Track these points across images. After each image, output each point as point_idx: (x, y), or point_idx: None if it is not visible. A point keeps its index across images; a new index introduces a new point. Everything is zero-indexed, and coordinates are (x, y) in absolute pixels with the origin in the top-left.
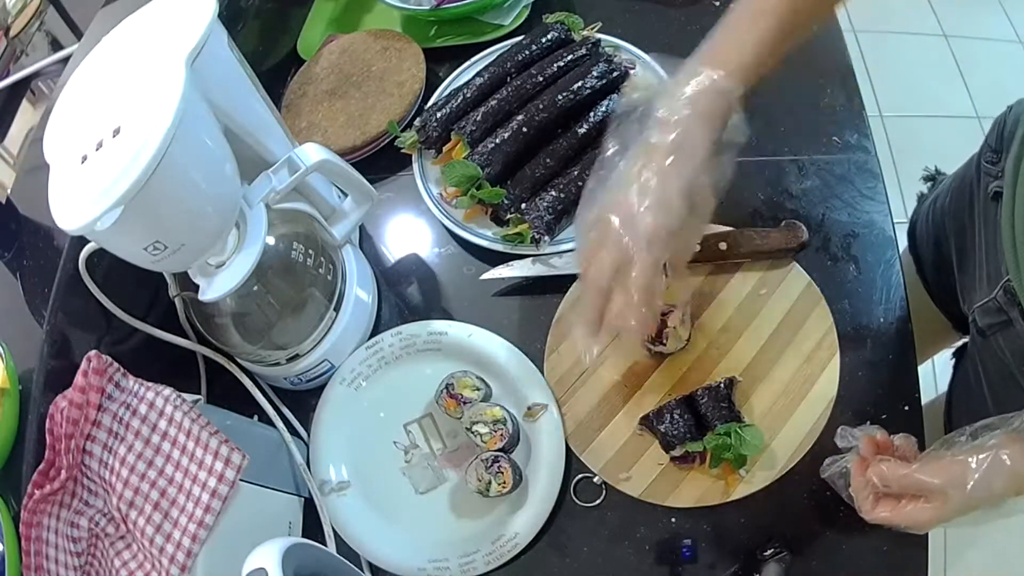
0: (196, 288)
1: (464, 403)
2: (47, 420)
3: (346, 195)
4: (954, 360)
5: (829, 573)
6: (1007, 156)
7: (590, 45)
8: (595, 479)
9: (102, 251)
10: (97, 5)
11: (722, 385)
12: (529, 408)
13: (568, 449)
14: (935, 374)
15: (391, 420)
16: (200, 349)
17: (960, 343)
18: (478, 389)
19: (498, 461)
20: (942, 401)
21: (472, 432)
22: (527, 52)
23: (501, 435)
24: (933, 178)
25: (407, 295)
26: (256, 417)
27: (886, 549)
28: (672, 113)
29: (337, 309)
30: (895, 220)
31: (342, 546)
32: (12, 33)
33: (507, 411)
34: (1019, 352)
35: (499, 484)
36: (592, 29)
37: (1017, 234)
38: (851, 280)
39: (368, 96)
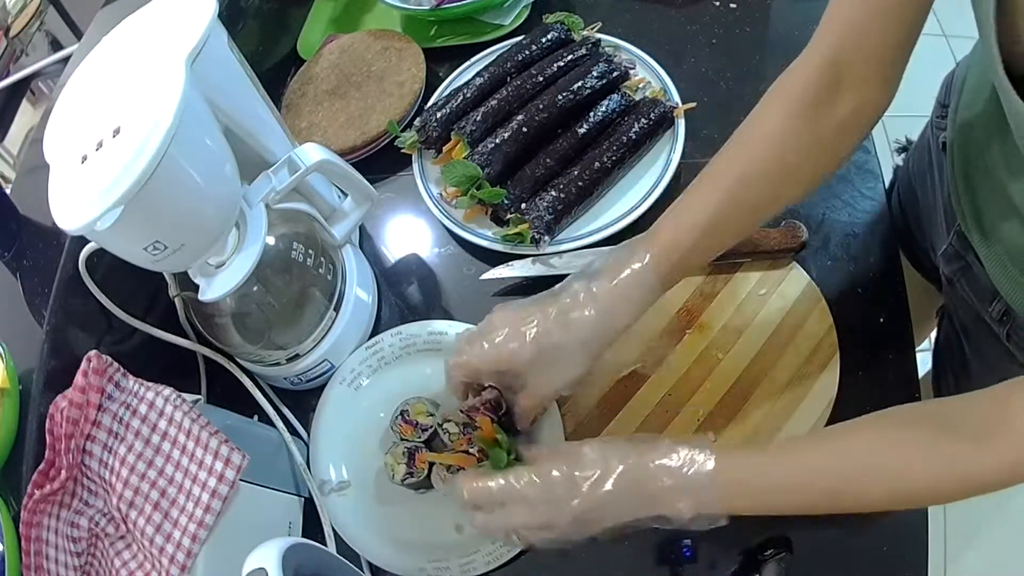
0: (196, 288)
1: (419, 428)
2: (47, 420)
3: (346, 195)
4: (937, 319)
5: (829, 573)
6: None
7: (590, 45)
8: None
9: (102, 251)
10: (97, 5)
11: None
12: None
13: None
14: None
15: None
16: (200, 349)
17: (940, 304)
18: (431, 415)
19: (417, 452)
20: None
21: (442, 428)
22: (527, 52)
23: (468, 439)
24: (905, 148)
25: (407, 295)
26: (256, 417)
27: (886, 549)
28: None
29: (337, 309)
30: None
31: (342, 546)
32: (12, 33)
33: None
34: (981, 292)
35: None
36: (592, 29)
37: (958, 179)
38: (851, 280)
39: (368, 96)
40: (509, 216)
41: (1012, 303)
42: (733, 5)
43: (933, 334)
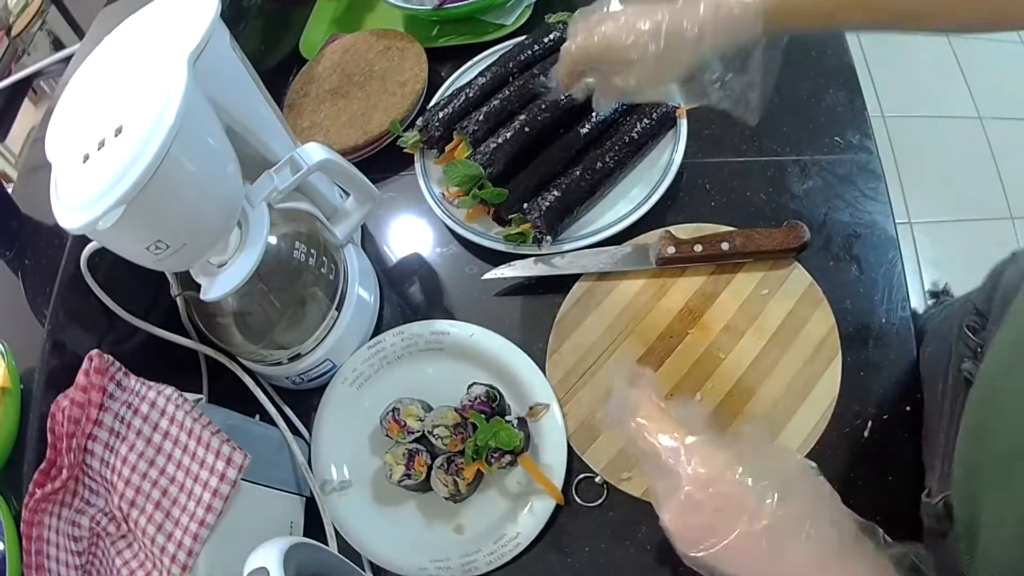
0: (198, 287)
1: (406, 430)
2: (48, 419)
3: (348, 195)
4: None
5: None
6: (991, 331)
7: None
8: (597, 479)
9: (104, 250)
10: (99, 4)
11: None
12: (531, 408)
13: (570, 449)
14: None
15: None
16: (202, 348)
17: None
18: (420, 419)
19: (417, 455)
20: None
21: (433, 435)
22: (529, 52)
23: (462, 438)
24: (938, 296)
25: (409, 295)
26: (258, 416)
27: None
28: None
29: (339, 309)
30: (897, 220)
31: (343, 545)
32: (14, 32)
33: (514, 416)
34: (944, 569)
35: (464, 483)
36: None
37: (969, 460)
38: (853, 280)
39: (370, 96)
40: (511, 216)
41: None
42: None
43: None
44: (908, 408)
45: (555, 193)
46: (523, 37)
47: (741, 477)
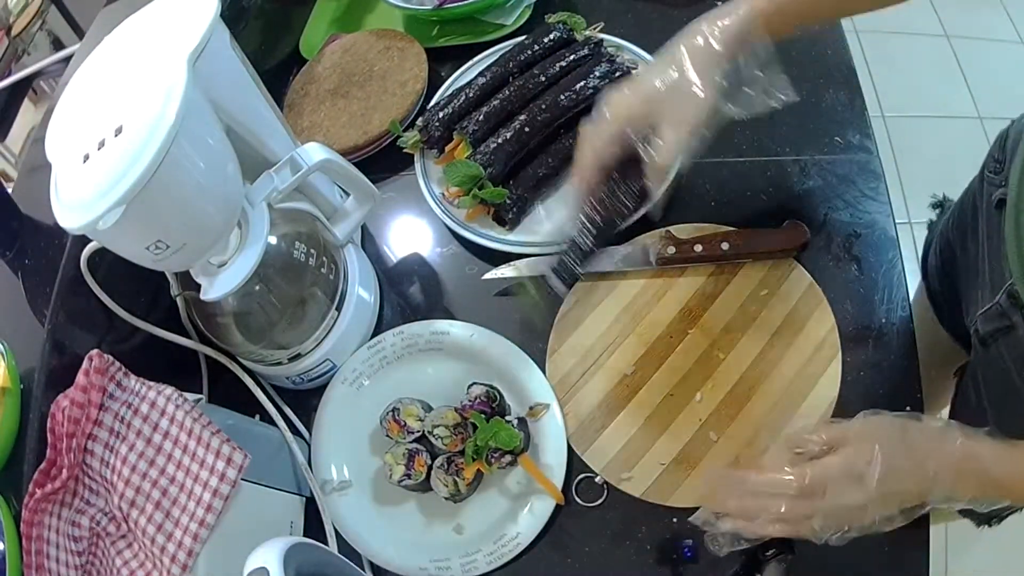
0: (198, 287)
1: (406, 430)
2: (48, 419)
3: (348, 195)
4: (956, 379)
5: (830, 573)
6: (1010, 165)
7: (592, 45)
8: (597, 479)
9: (104, 250)
10: (99, 5)
11: None
12: (531, 408)
13: (570, 449)
14: None
15: None
16: (202, 348)
17: (962, 363)
18: (420, 419)
19: (417, 455)
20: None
21: (433, 435)
22: (529, 52)
23: (462, 438)
24: (941, 204)
25: (409, 295)
26: (258, 416)
27: (887, 549)
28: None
29: (339, 309)
30: (897, 220)
31: (344, 546)
32: (14, 32)
33: (513, 417)
34: (1020, 357)
35: (464, 483)
36: (594, 29)
37: (1012, 238)
38: (853, 280)
39: (370, 96)
40: (508, 218)
41: None
42: None
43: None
44: (908, 408)
45: (556, 193)
46: (523, 37)
47: None
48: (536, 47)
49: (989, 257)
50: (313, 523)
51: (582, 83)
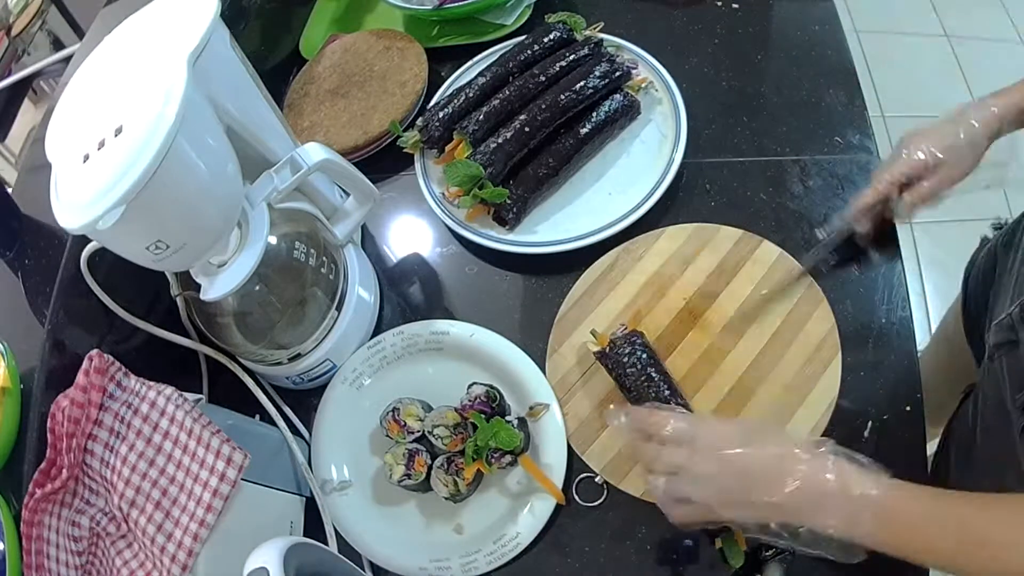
0: (198, 287)
1: (406, 430)
2: (48, 419)
3: (348, 195)
4: (961, 397)
5: (830, 573)
6: None
7: (592, 45)
8: (596, 479)
9: (104, 250)
10: (99, 4)
11: None
12: (531, 408)
13: (570, 449)
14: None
15: None
16: (202, 348)
17: (973, 382)
18: (420, 419)
19: (417, 455)
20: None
21: (433, 435)
22: (529, 52)
23: (462, 438)
24: (1001, 227)
25: (409, 295)
26: (258, 416)
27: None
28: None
29: (339, 309)
30: None
31: (343, 545)
32: (14, 32)
33: (514, 417)
34: (1016, 375)
35: (464, 483)
36: (594, 29)
37: None
38: (853, 280)
39: (370, 96)
40: (509, 217)
41: None
42: (735, 5)
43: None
44: (908, 408)
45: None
46: (523, 37)
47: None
48: (536, 47)
49: (1019, 269)
50: (313, 523)
51: (582, 83)
